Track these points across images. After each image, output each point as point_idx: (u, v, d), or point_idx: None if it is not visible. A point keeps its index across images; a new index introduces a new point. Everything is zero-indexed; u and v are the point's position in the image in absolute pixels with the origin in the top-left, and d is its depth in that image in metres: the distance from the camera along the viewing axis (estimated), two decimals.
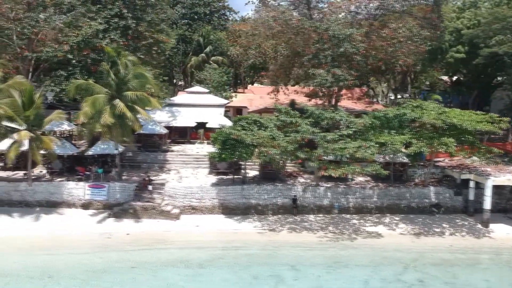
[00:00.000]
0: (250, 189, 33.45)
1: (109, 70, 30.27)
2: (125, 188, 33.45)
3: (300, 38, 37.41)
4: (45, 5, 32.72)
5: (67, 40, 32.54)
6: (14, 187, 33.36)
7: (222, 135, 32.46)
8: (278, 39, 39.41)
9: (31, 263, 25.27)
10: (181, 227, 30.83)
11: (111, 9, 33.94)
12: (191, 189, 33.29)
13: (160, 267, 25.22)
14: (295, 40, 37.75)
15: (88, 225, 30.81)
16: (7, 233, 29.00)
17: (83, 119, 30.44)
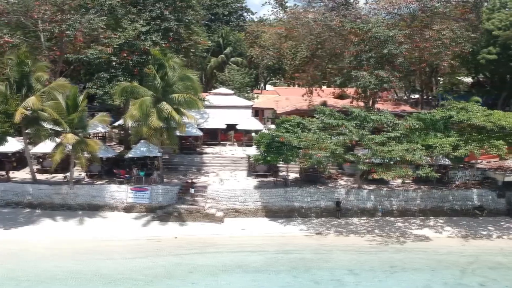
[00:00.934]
0: (293, 191, 33.26)
1: (155, 72, 30.01)
2: (167, 191, 33.23)
3: (338, 39, 37.18)
4: (87, 6, 32.47)
5: (109, 42, 32.29)
6: (56, 190, 33.13)
7: (266, 138, 32.26)
8: (317, 40, 39.09)
9: (87, 267, 25.03)
10: (227, 230, 30.62)
11: (151, 11, 33.66)
12: (235, 192, 33.09)
13: (218, 272, 25.00)
14: (334, 41, 37.53)
15: (134, 228, 30.59)
16: (54, 237, 28.77)
17: (130, 122, 30.20)
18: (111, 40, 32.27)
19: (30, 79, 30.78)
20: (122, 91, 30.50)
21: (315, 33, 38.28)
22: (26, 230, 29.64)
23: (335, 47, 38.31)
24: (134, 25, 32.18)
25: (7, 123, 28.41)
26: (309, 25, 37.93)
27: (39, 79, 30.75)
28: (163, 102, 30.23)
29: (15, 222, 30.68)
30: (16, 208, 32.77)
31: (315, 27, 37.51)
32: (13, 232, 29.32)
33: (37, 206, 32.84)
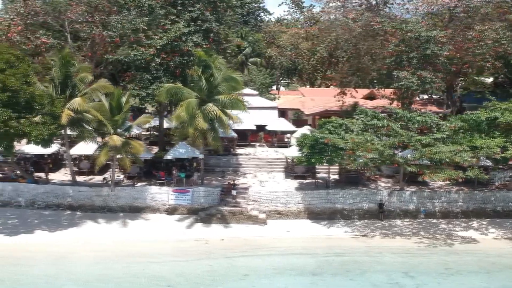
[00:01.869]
0: (335, 193, 33.05)
1: (201, 74, 29.79)
2: (209, 192, 33.04)
3: (376, 39, 36.99)
4: (129, 7, 32.25)
5: (152, 43, 32.08)
6: (96, 192, 32.94)
7: (309, 139, 32.04)
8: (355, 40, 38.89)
9: (141, 270, 24.81)
10: (272, 232, 30.42)
11: (191, 11, 33.43)
12: (277, 193, 32.89)
13: (273, 274, 24.82)
14: (372, 42, 37.33)
15: (179, 230, 30.42)
16: (100, 239, 28.58)
17: (176, 123, 30.00)
18: (154, 41, 32.04)
19: (74, 80, 30.58)
20: (167, 92, 30.29)
21: (355, 34, 38.06)
22: (70, 233, 29.47)
23: (372, 48, 38.05)
24: (178, 26, 31.91)
25: (53, 125, 28.13)
26: (348, 25, 37.74)
27: (83, 80, 30.56)
28: (208, 103, 30.03)
29: (59, 225, 30.52)
30: (57, 210, 32.60)
31: (355, 28, 37.34)
32: (58, 234, 29.16)
33: (78, 208, 32.66)
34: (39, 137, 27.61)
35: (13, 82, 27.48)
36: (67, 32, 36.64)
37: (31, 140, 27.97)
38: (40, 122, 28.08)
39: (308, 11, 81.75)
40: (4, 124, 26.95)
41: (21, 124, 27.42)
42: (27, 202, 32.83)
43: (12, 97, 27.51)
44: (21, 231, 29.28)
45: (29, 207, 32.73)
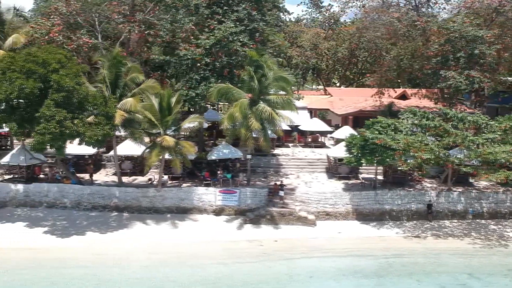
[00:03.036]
0: (384, 194, 32.81)
1: (253, 74, 29.52)
2: (255, 193, 32.77)
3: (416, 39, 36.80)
4: (177, 7, 31.99)
5: (200, 42, 31.83)
6: (143, 193, 32.64)
7: (358, 140, 31.80)
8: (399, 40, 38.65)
9: (204, 272, 24.59)
10: (323, 233, 30.18)
11: (237, 11, 33.17)
12: (325, 194, 32.65)
13: (338, 276, 24.62)
14: (412, 41, 37.13)
15: (230, 232, 30.17)
16: (152, 241, 28.28)
17: (227, 124, 29.76)
18: (202, 41, 31.78)
19: (124, 80, 30.33)
20: (218, 93, 30.05)
21: (400, 33, 37.83)
22: (121, 234, 29.19)
23: (414, 47, 37.81)
24: (229, 25, 31.61)
25: (107, 125, 27.85)
26: (394, 25, 37.50)
27: (133, 80, 30.29)
28: (260, 103, 29.80)
29: (108, 226, 30.24)
30: (103, 212, 32.28)
31: (401, 27, 37.11)
32: (109, 236, 28.87)
33: (124, 209, 32.33)
34: (93, 137, 27.34)
35: (67, 82, 27.24)
36: (98, 32, 36.44)
37: (85, 140, 27.66)
38: (94, 123, 27.79)
39: (326, 11, 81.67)
40: (60, 125, 26.70)
41: (75, 124, 27.15)
42: (72, 203, 32.51)
43: (66, 97, 27.27)
44: (72, 232, 29.00)
45: (75, 208, 32.42)
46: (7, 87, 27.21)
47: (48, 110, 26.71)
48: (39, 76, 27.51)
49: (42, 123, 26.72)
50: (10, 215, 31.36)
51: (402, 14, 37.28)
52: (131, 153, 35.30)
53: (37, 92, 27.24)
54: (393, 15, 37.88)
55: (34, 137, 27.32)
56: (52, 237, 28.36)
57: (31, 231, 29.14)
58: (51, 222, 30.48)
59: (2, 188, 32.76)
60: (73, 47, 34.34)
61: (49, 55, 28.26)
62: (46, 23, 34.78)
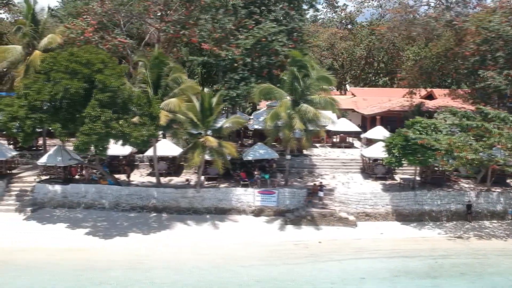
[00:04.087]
0: (423, 195, 32.67)
1: (297, 74, 29.34)
2: (294, 194, 32.65)
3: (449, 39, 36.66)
4: (216, 7, 31.83)
5: (239, 43, 31.69)
6: (182, 194, 32.50)
7: (398, 140, 31.62)
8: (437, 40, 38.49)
9: (258, 273, 24.39)
10: (366, 234, 30.03)
11: (275, 11, 33.03)
12: (365, 195, 32.51)
13: (391, 277, 24.44)
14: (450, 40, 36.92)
15: (272, 233, 30.06)
16: (196, 242, 28.14)
17: (270, 124, 29.61)
18: (242, 41, 31.63)
19: (166, 80, 30.19)
20: (260, 93, 29.92)
21: (437, 33, 37.68)
22: (164, 235, 29.03)
23: (448, 47, 37.64)
24: (271, 25, 31.45)
25: (152, 126, 27.70)
26: (430, 24, 37.33)
27: (176, 80, 30.14)
28: (303, 104, 29.67)
29: (150, 227, 30.10)
30: (142, 212, 32.16)
31: (438, 27, 36.97)
32: (152, 237, 28.72)
33: (163, 210, 32.21)
34: (139, 138, 27.19)
35: (113, 83, 27.10)
36: (123, 31, 36.27)
37: (130, 141, 27.49)
38: (138, 123, 27.64)
39: (341, 11, 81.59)
40: (105, 125, 26.57)
41: (121, 125, 27.00)
42: (111, 204, 32.38)
43: (111, 97, 27.13)
44: (114, 233, 28.85)
45: (113, 209, 32.29)
46: (52, 88, 27.10)
47: (94, 110, 26.58)
48: (82, 76, 27.39)
49: (86, 124, 26.60)
50: (50, 216, 31.22)
51: (439, 13, 37.07)
52: (166, 153, 35.24)
53: (82, 92, 27.11)
54: (430, 15, 37.76)
55: (78, 137, 27.16)
56: (95, 238, 28.21)
57: (73, 232, 28.99)
58: (91, 223, 30.33)
59: (40, 188, 32.63)
60: (108, 47, 34.21)
61: (92, 55, 28.17)
62: (81, 23, 34.60)
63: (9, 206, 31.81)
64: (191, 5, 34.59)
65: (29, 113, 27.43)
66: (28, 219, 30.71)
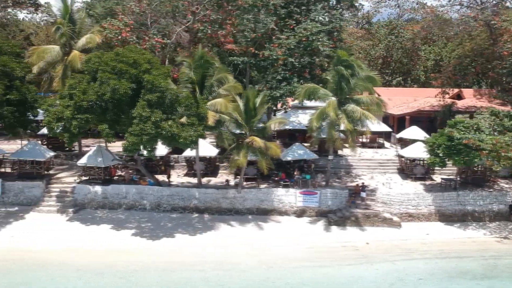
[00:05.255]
0: (465, 195, 32.52)
1: (345, 73, 29.08)
2: (336, 194, 32.50)
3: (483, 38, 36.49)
4: (258, 6, 31.64)
5: (281, 42, 31.52)
6: (223, 194, 32.33)
7: (441, 140, 31.43)
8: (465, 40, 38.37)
9: (313, 274, 24.24)
10: (412, 235, 29.88)
11: (316, 11, 32.85)
12: (408, 195, 32.33)
13: (448, 278, 24.28)
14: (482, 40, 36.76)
15: (317, 233, 29.96)
16: (243, 242, 27.99)
17: (315, 124, 29.44)
18: (284, 41, 31.46)
19: (211, 81, 30.03)
20: (305, 93, 29.75)
21: (475, 33, 37.52)
22: (210, 236, 28.91)
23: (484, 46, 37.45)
24: (315, 25, 31.28)
25: (200, 126, 27.52)
26: (470, 24, 37.18)
27: (221, 80, 29.95)
28: (350, 104, 29.51)
29: (194, 228, 29.96)
30: (184, 213, 32.00)
31: (477, 27, 36.80)
32: (199, 238, 28.59)
33: (204, 211, 32.07)
34: (188, 138, 27.00)
35: (161, 83, 26.94)
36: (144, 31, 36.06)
37: (179, 142, 27.28)
38: (186, 124, 27.46)
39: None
40: (156, 126, 26.39)
41: (170, 125, 26.80)
42: (152, 205, 32.21)
43: (159, 98, 26.95)
44: (160, 235, 28.69)
45: (154, 210, 32.12)
46: (99, 88, 26.93)
47: (144, 111, 26.40)
48: (129, 76, 27.21)
49: (136, 124, 26.42)
50: (92, 217, 31.05)
51: (477, 13, 36.87)
52: (203, 154, 35.01)
53: (130, 93, 26.93)
54: (469, 14, 37.58)
55: (127, 138, 26.98)
56: (142, 240, 28.05)
57: (118, 233, 28.85)
58: (135, 224, 30.18)
59: (80, 189, 32.47)
60: (145, 47, 34.03)
61: (139, 55, 28.00)
62: (118, 23, 34.43)
63: (51, 207, 31.64)
64: (228, 5, 34.43)
65: (76, 114, 27.24)
66: (71, 220, 30.55)
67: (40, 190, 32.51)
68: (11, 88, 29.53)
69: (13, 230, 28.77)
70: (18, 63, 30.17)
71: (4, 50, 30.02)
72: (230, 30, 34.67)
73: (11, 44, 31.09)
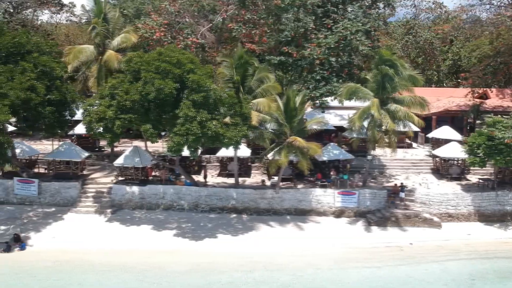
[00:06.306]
0: (504, 195, 32.36)
1: (390, 72, 28.80)
2: (374, 194, 32.34)
3: None
4: (297, 6, 31.51)
5: (320, 42, 31.38)
6: (261, 195, 32.18)
7: (481, 140, 31.25)
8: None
9: (372, 275, 24.17)
10: (453, 235, 29.73)
11: (353, 10, 32.74)
12: (447, 195, 32.17)
13: (501, 279, 24.18)
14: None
15: (358, 234, 29.82)
16: (287, 243, 27.84)
17: (358, 124, 29.30)
18: (323, 40, 31.32)
19: (251, 80, 29.90)
20: (347, 92, 29.61)
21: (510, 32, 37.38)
22: (252, 236, 28.81)
23: None
24: (355, 24, 31.13)
25: (245, 126, 27.38)
26: (506, 23, 37.03)
27: (262, 80, 29.80)
28: (392, 103, 29.37)
29: (235, 228, 29.83)
30: (222, 213, 31.85)
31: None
32: (241, 238, 28.50)
33: (242, 211, 31.91)
34: (233, 138, 26.86)
35: (207, 82, 26.80)
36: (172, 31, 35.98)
37: (224, 142, 27.12)
38: (230, 124, 27.30)
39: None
40: (201, 126, 26.23)
41: (214, 125, 26.64)
42: (190, 205, 32.06)
43: (204, 97, 26.79)
44: (202, 235, 28.55)
45: (192, 210, 31.97)
46: (142, 88, 26.75)
47: (189, 110, 26.24)
48: (173, 76, 27.05)
49: (181, 124, 26.25)
50: (130, 217, 30.90)
51: None
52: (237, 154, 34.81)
53: (174, 92, 26.76)
54: (505, 14, 37.45)
55: (172, 138, 26.83)
56: (185, 240, 27.92)
57: (160, 234, 28.72)
58: (175, 224, 30.03)
59: (117, 190, 32.31)
60: (180, 47, 33.89)
61: (181, 55, 27.85)
62: (152, 22, 34.29)
63: (88, 208, 31.49)
64: (262, 4, 34.31)
65: (119, 114, 27.07)
66: (111, 220, 30.40)
67: (76, 191, 32.36)
68: (51, 88, 29.35)
69: (53, 231, 28.65)
70: (58, 63, 29.97)
71: (43, 50, 29.83)
72: (264, 30, 34.53)
73: (50, 43, 30.88)
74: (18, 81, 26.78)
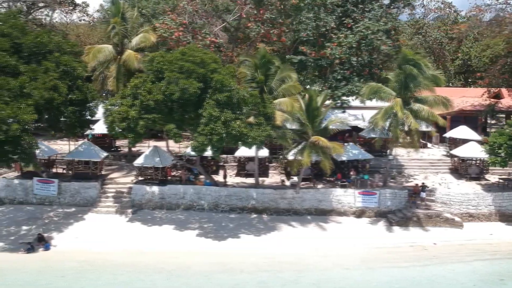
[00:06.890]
0: None
1: (414, 72, 28.71)
2: (395, 194, 32.26)
3: None
4: (317, 5, 31.44)
5: (342, 41, 31.30)
6: (281, 195, 32.11)
7: (503, 139, 31.21)
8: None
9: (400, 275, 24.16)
10: (476, 235, 29.66)
11: (374, 9, 32.63)
12: (468, 195, 32.10)
13: None
14: None
15: (380, 234, 29.74)
16: (309, 243, 27.76)
17: (381, 123, 29.23)
18: (344, 40, 31.24)
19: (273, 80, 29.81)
20: (370, 92, 29.54)
21: None
22: (274, 236, 28.74)
23: None
24: (377, 23, 31.07)
25: (268, 126, 27.28)
26: None
27: (283, 79, 29.72)
28: (415, 103, 29.30)
29: (257, 228, 29.77)
30: (242, 213, 31.79)
31: None
32: (264, 238, 28.42)
33: (262, 211, 31.85)
34: (257, 138, 26.77)
35: (231, 82, 26.71)
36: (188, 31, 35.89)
37: (248, 142, 27.02)
38: (254, 123, 27.22)
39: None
40: (225, 125, 26.13)
41: (238, 125, 26.53)
42: (210, 205, 31.98)
43: (228, 97, 26.70)
44: (225, 235, 28.48)
45: (212, 210, 31.90)
46: (165, 88, 26.64)
47: (214, 110, 26.15)
48: (197, 76, 26.94)
49: (205, 124, 26.15)
50: (151, 217, 30.82)
51: None
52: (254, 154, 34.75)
53: (198, 92, 26.67)
54: None
55: (196, 138, 26.73)
56: (208, 240, 27.85)
57: (183, 234, 28.64)
58: (197, 224, 29.96)
59: (137, 190, 32.23)
60: (199, 46, 33.77)
61: (205, 55, 27.77)
62: (171, 22, 34.19)
63: (109, 208, 31.41)
64: (281, 4, 34.23)
65: (142, 114, 26.97)
66: (132, 220, 30.32)
67: (96, 191, 32.28)
68: (73, 88, 29.25)
69: (76, 231, 28.55)
70: (79, 62, 29.88)
71: (64, 50, 29.72)
72: (282, 30, 34.46)
73: (71, 43, 30.78)
74: (41, 81, 26.66)
